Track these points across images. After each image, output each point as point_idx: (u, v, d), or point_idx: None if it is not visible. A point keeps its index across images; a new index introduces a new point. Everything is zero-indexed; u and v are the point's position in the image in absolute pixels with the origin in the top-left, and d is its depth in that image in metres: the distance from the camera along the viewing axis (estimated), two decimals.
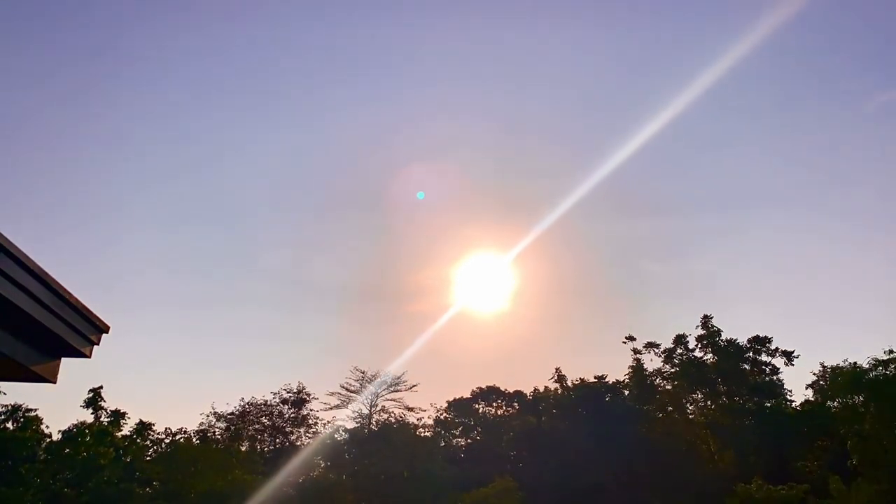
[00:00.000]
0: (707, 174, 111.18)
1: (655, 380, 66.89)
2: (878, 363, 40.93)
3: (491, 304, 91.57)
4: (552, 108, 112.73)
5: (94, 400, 42.98)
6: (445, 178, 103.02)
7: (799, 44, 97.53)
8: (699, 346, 63.24)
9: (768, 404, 59.80)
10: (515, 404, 77.61)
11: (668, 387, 66.17)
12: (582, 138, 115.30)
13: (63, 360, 5.28)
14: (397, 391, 65.44)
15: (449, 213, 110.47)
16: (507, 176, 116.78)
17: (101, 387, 44.16)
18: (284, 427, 65.70)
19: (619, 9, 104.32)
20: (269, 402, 66.15)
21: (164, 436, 51.67)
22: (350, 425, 66.09)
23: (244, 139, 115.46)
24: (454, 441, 75.36)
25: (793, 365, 61.38)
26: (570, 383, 70.38)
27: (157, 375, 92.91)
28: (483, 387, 79.68)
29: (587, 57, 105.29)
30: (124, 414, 43.84)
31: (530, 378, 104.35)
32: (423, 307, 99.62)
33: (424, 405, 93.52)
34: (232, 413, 64.46)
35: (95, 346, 5.34)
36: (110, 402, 44.42)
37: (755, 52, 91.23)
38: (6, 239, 4.07)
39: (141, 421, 46.79)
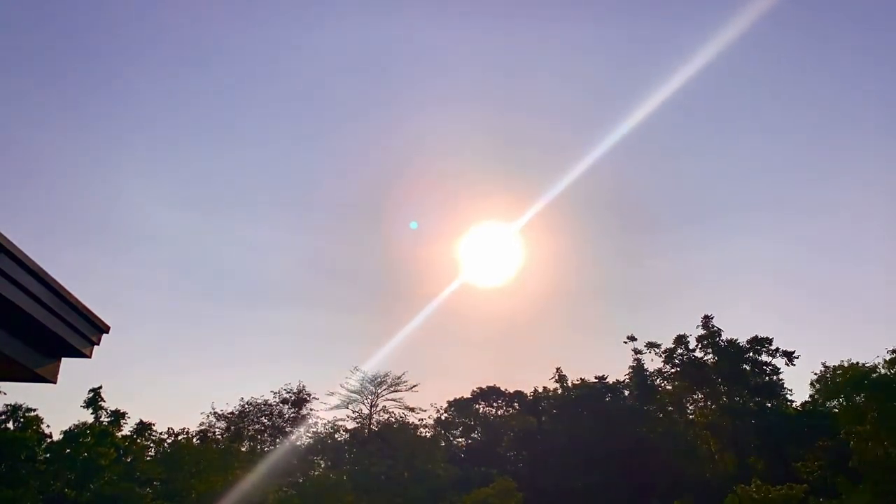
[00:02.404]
0: (708, 173, 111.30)
1: (656, 380, 66.91)
2: (879, 363, 40.91)
3: (494, 281, 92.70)
4: (547, 97, 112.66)
5: (94, 400, 42.95)
6: (449, 166, 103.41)
7: (780, 40, 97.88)
8: (700, 346, 63.22)
9: (769, 404, 59.78)
10: (515, 404, 77.59)
11: (669, 387, 66.18)
12: (577, 128, 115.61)
13: (63, 360, 5.27)
14: (397, 391, 65.45)
15: (452, 194, 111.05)
16: (508, 157, 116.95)
17: (101, 387, 44.14)
18: (284, 427, 65.67)
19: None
20: (269, 402, 66.16)
21: (164, 436, 51.68)
22: (350, 425, 66.13)
23: (245, 135, 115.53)
24: (454, 441, 75.37)
25: (793, 365, 61.39)
26: (570, 383, 70.39)
27: (157, 375, 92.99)
28: (483, 387, 79.69)
29: (580, 48, 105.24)
30: (124, 414, 43.81)
31: (532, 361, 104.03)
32: (429, 289, 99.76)
33: (425, 404, 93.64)
34: (232, 413, 64.48)
35: (96, 346, 5.33)
36: (110, 402, 44.44)
37: (743, 47, 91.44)
38: (6, 239, 4.06)
39: (141, 421, 46.76)
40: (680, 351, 64.01)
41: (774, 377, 61.80)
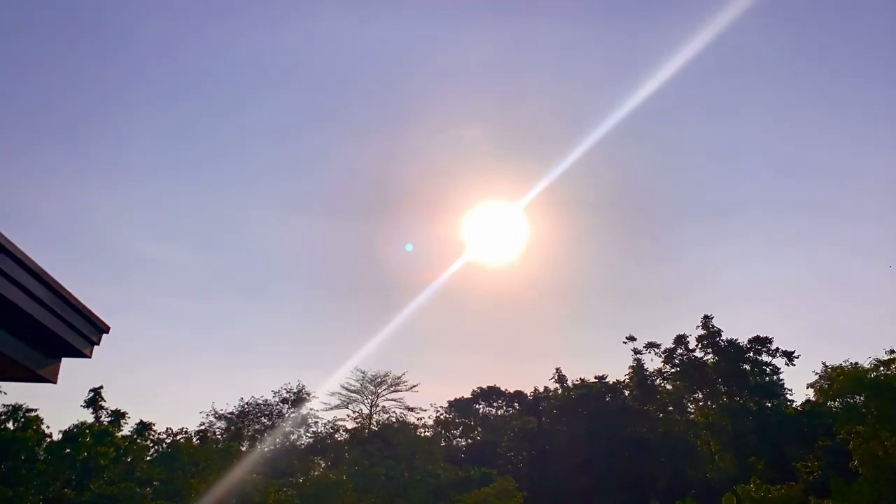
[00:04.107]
0: (709, 172, 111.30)
1: (656, 380, 66.90)
2: (879, 363, 40.91)
3: (496, 261, 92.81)
4: (549, 82, 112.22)
5: (94, 400, 43.01)
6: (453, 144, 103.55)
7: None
8: (700, 346, 63.20)
9: (769, 404, 59.77)
10: (515, 404, 77.67)
11: (669, 387, 66.19)
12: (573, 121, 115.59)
13: (63, 360, 5.27)
14: (397, 391, 65.60)
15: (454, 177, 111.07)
16: (511, 140, 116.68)
17: (101, 387, 44.20)
18: (284, 427, 65.73)
19: None
20: (269, 402, 66.22)
21: (164, 436, 51.70)
22: (350, 425, 66.23)
23: (247, 132, 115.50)
24: (454, 441, 75.40)
25: (794, 365, 61.38)
26: (570, 383, 70.39)
27: (157, 375, 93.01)
28: (483, 387, 79.80)
29: (582, 31, 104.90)
30: (124, 414, 43.82)
31: (532, 350, 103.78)
32: (432, 273, 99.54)
33: (425, 404, 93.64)
34: (232, 413, 64.57)
35: (96, 346, 5.33)
36: (110, 402, 44.45)
37: (743, 31, 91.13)
38: (6, 239, 4.06)
39: (141, 421, 46.73)
40: (680, 351, 63.99)
41: (774, 377, 61.80)
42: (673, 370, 64.55)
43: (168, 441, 50.92)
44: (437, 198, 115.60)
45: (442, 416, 76.52)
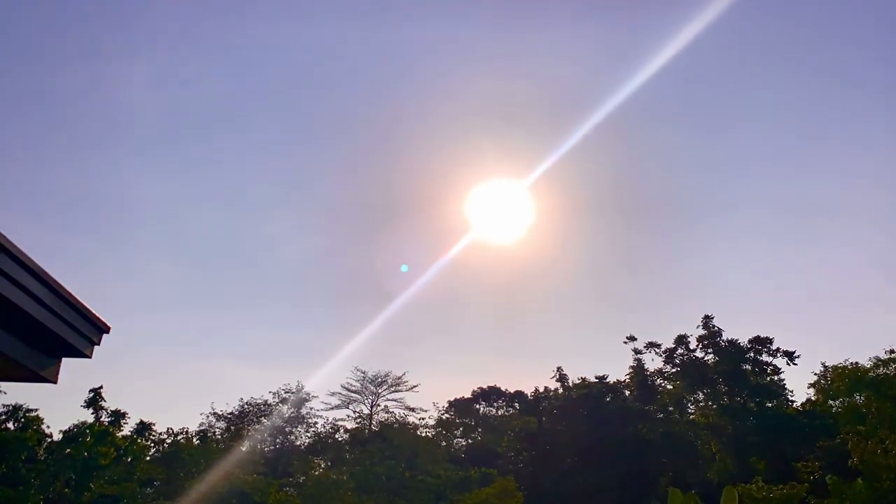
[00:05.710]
0: (710, 171, 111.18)
1: (656, 380, 66.93)
2: (879, 362, 40.98)
3: (499, 243, 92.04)
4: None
5: (94, 400, 42.95)
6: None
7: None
8: (700, 346, 63.21)
9: (769, 405, 59.79)
10: (516, 404, 77.68)
11: (669, 387, 66.23)
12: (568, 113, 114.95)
13: (63, 360, 5.28)
14: (398, 391, 65.67)
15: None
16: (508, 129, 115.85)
17: (101, 387, 44.13)
18: (284, 427, 65.80)
19: None
20: (268, 403, 66.26)
21: (164, 436, 51.73)
22: (351, 425, 66.29)
23: (250, 128, 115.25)
24: (455, 441, 75.44)
25: (794, 365, 61.36)
26: (570, 383, 70.39)
27: (157, 375, 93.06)
28: (484, 387, 79.85)
29: (582, 18, 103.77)
30: (125, 414, 43.79)
31: (532, 343, 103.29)
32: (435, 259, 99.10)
33: (425, 404, 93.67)
34: (232, 413, 64.60)
35: (96, 346, 5.33)
36: (110, 402, 44.42)
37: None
38: (6, 239, 4.06)
39: (141, 421, 46.70)
40: (681, 351, 64.01)
41: (775, 377, 61.82)
42: (673, 370, 64.58)
43: (168, 441, 50.94)
44: (438, 187, 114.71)
45: (442, 416, 76.62)
